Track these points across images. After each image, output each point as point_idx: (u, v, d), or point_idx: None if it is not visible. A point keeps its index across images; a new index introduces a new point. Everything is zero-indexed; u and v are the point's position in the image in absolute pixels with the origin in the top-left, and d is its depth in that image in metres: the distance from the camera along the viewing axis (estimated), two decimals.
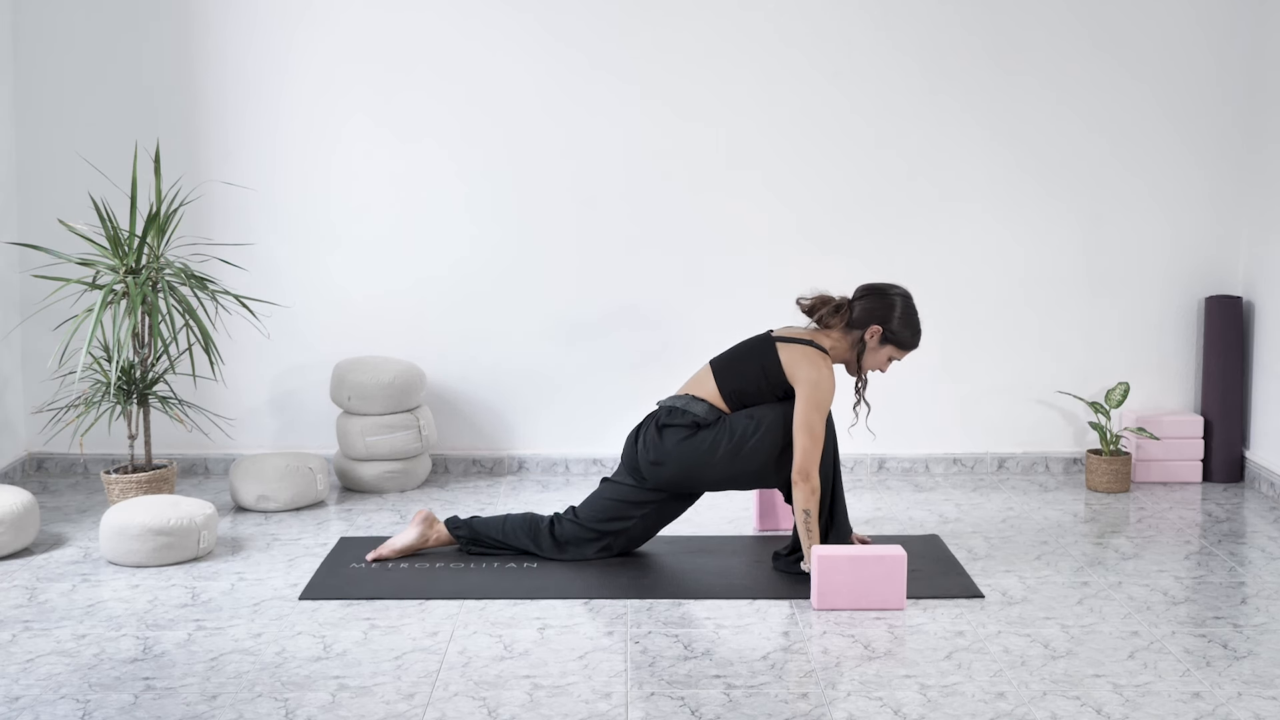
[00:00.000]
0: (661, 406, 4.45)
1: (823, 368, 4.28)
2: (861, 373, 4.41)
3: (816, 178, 5.70)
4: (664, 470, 4.38)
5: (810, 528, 4.22)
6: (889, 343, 4.35)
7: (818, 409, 4.24)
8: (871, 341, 4.34)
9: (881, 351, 4.37)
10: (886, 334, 4.33)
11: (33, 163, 5.67)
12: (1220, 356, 5.64)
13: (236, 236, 5.64)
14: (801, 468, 4.21)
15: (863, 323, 4.33)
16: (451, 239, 5.74)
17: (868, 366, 4.39)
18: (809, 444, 4.21)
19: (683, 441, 4.34)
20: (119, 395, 5.04)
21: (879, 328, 4.32)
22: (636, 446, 4.43)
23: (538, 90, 5.67)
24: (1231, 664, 3.61)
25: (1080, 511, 5.23)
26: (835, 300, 4.38)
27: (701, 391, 4.40)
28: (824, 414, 4.25)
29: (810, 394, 4.24)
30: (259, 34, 5.63)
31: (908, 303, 4.37)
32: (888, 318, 4.33)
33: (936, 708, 3.32)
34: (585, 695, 3.40)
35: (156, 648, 3.73)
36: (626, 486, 4.48)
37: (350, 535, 4.86)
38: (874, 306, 4.34)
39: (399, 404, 5.50)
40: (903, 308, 4.35)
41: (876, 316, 4.33)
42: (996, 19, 5.64)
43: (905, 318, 4.35)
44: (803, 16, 5.64)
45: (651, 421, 4.42)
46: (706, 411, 4.35)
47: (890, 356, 4.38)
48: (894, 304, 4.35)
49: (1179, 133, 5.71)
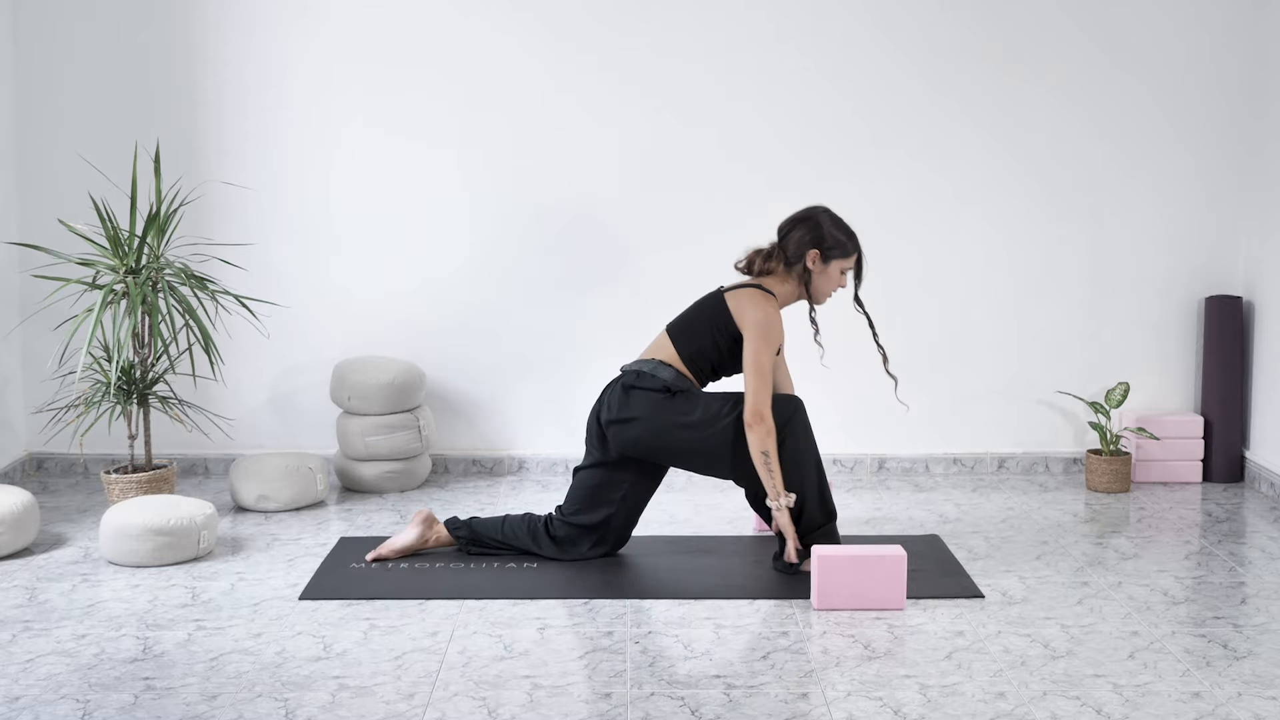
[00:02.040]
0: (626, 371, 4.45)
1: (767, 306, 4.32)
2: (820, 300, 4.45)
3: (816, 178, 5.70)
4: (630, 430, 4.36)
5: (771, 468, 4.23)
6: (831, 259, 4.38)
7: (767, 346, 4.28)
8: (816, 266, 4.39)
9: (829, 271, 4.40)
10: (825, 253, 4.37)
11: (33, 163, 5.67)
12: (1220, 356, 5.64)
13: (236, 236, 5.64)
14: (754, 409, 4.23)
15: (798, 254, 4.38)
16: (452, 239, 5.74)
17: (825, 291, 4.43)
18: (758, 384, 4.24)
19: (654, 403, 4.35)
20: (119, 395, 5.04)
21: (815, 250, 4.37)
22: (600, 412, 4.44)
23: (538, 91, 5.67)
24: (1231, 664, 3.61)
25: (1080, 511, 5.23)
26: (766, 248, 4.44)
27: (663, 356, 4.42)
28: (773, 352, 4.29)
29: (757, 334, 4.28)
30: (259, 34, 5.63)
31: (830, 215, 4.42)
32: (820, 238, 4.37)
33: (936, 708, 3.32)
34: (585, 695, 3.40)
35: (156, 648, 3.73)
36: (598, 470, 4.47)
37: (350, 535, 4.86)
38: (802, 235, 4.38)
39: (399, 404, 5.50)
40: (828, 222, 4.39)
41: (809, 241, 4.37)
42: (996, 20, 5.64)
43: (835, 229, 4.39)
44: (803, 17, 5.64)
45: (616, 384, 4.43)
46: (674, 378, 4.37)
47: (841, 270, 4.41)
48: (819, 222, 4.39)
49: (1179, 132, 5.71)
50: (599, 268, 5.74)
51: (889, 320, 5.77)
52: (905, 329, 5.77)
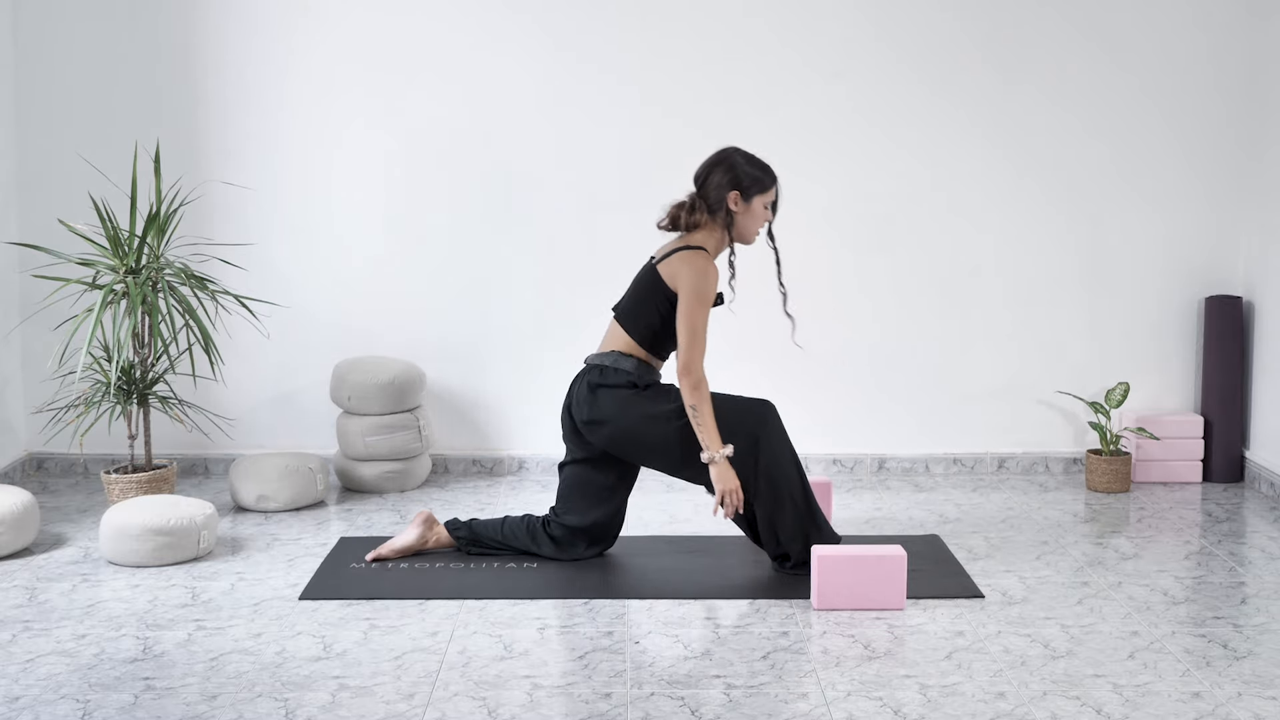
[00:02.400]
0: (590, 366, 4.44)
1: (697, 261, 4.29)
2: (748, 239, 4.42)
3: (816, 179, 5.70)
4: (603, 431, 4.37)
5: (700, 421, 4.23)
6: (752, 196, 4.36)
7: (700, 303, 4.26)
8: (739, 207, 4.35)
9: (753, 208, 4.37)
10: (744, 191, 4.34)
11: (33, 163, 5.67)
12: (1220, 356, 5.64)
13: (236, 236, 5.64)
14: (683, 363, 4.24)
15: (719, 198, 4.34)
16: (451, 239, 5.74)
17: (751, 229, 4.40)
18: (689, 339, 4.25)
19: (620, 401, 4.34)
20: (119, 395, 5.04)
21: (735, 191, 4.34)
22: (570, 408, 4.44)
23: (537, 92, 5.67)
24: (1231, 664, 3.61)
25: (1080, 511, 5.23)
26: (686, 200, 4.41)
27: (620, 345, 4.41)
28: (706, 308, 4.28)
29: (689, 292, 4.27)
30: (260, 35, 5.63)
31: (742, 153, 4.38)
32: (737, 177, 4.34)
33: (936, 708, 3.32)
34: (585, 695, 3.40)
35: (156, 648, 3.73)
36: (583, 466, 4.47)
37: (350, 535, 4.86)
38: (719, 178, 4.35)
39: (399, 404, 5.50)
40: (742, 160, 4.36)
41: (727, 183, 4.34)
42: (996, 23, 5.64)
43: (749, 166, 4.36)
44: (803, 20, 5.64)
45: (582, 380, 4.43)
46: (636, 367, 4.36)
47: (764, 205, 4.39)
48: (732, 162, 4.35)
49: (1178, 133, 5.71)
50: (599, 268, 5.74)
51: (889, 320, 5.78)
52: (905, 329, 5.77)
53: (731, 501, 4.25)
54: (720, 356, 5.77)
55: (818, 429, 5.81)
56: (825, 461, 5.81)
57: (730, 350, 5.79)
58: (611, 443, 4.39)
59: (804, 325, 5.76)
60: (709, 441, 4.24)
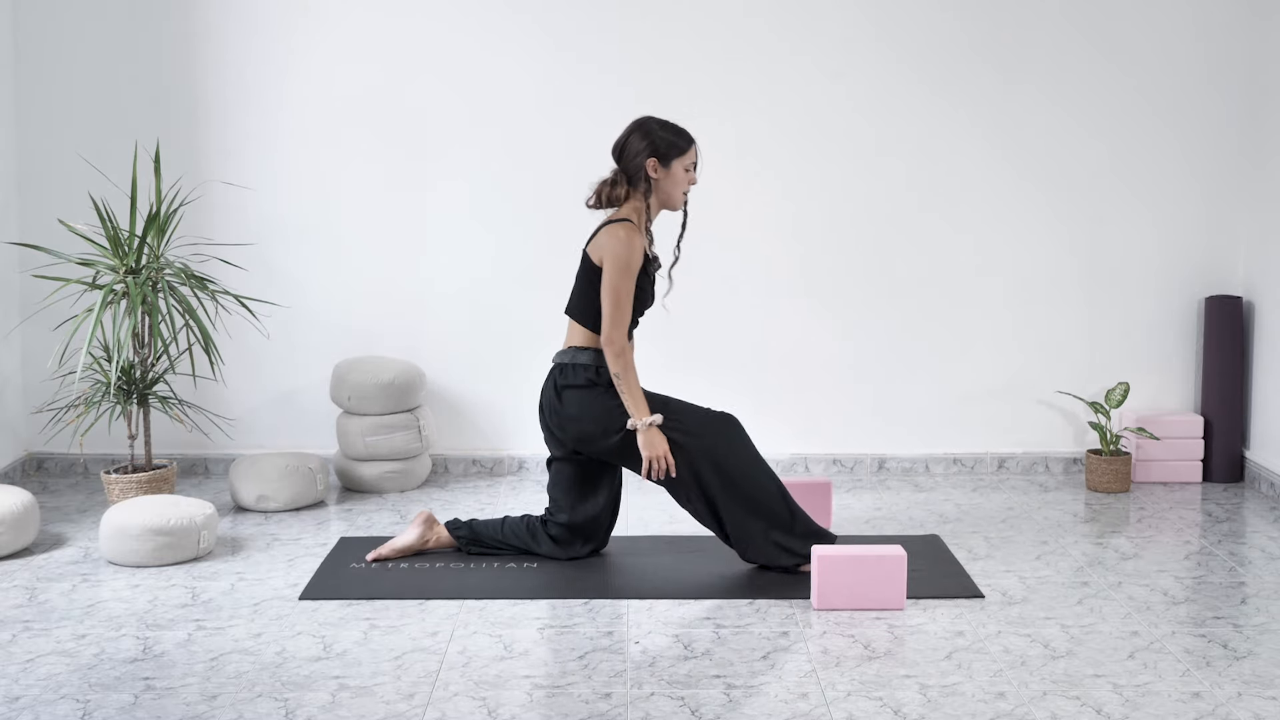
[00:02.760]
0: (554, 365, 4.46)
1: (618, 232, 4.29)
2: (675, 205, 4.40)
3: (816, 180, 5.70)
4: (571, 430, 4.38)
5: (622, 388, 4.27)
6: (671, 160, 4.34)
7: (624, 274, 4.27)
8: (659, 173, 4.34)
9: (673, 172, 4.35)
10: (662, 157, 4.33)
11: (33, 163, 5.67)
12: (1220, 356, 5.64)
13: (236, 236, 5.64)
14: (605, 333, 4.28)
15: (637, 167, 4.33)
16: (451, 239, 5.74)
17: (676, 194, 4.38)
18: (610, 308, 4.27)
19: (584, 399, 4.36)
20: (119, 395, 5.04)
21: (652, 158, 4.32)
22: (542, 410, 4.47)
23: (537, 92, 5.67)
24: (1231, 664, 3.61)
25: (1080, 511, 5.23)
26: (609, 175, 4.41)
27: (576, 340, 4.42)
28: (630, 279, 4.28)
29: (612, 263, 4.28)
30: (259, 34, 5.63)
31: (655, 120, 4.37)
32: (653, 144, 4.32)
33: (936, 708, 3.32)
34: (585, 695, 3.40)
35: (156, 648, 3.73)
36: (570, 463, 4.47)
37: (350, 535, 4.86)
38: (635, 147, 4.33)
39: (399, 404, 5.50)
40: (656, 126, 4.35)
41: (644, 151, 4.32)
42: (996, 24, 5.64)
43: (664, 131, 4.34)
44: (803, 20, 5.64)
45: (550, 381, 4.45)
46: (594, 358, 4.36)
47: (683, 169, 4.36)
48: (647, 130, 4.34)
49: (1178, 133, 5.71)
50: None
51: (889, 320, 5.78)
52: (905, 329, 5.77)
53: (659, 466, 4.27)
54: (721, 356, 5.79)
55: (817, 429, 5.81)
56: (825, 461, 5.81)
57: (731, 350, 5.79)
58: (579, 441, 4.40)
59: (804, 325, 5.78)
60: (635, 409, 4.27)
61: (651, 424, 4.26)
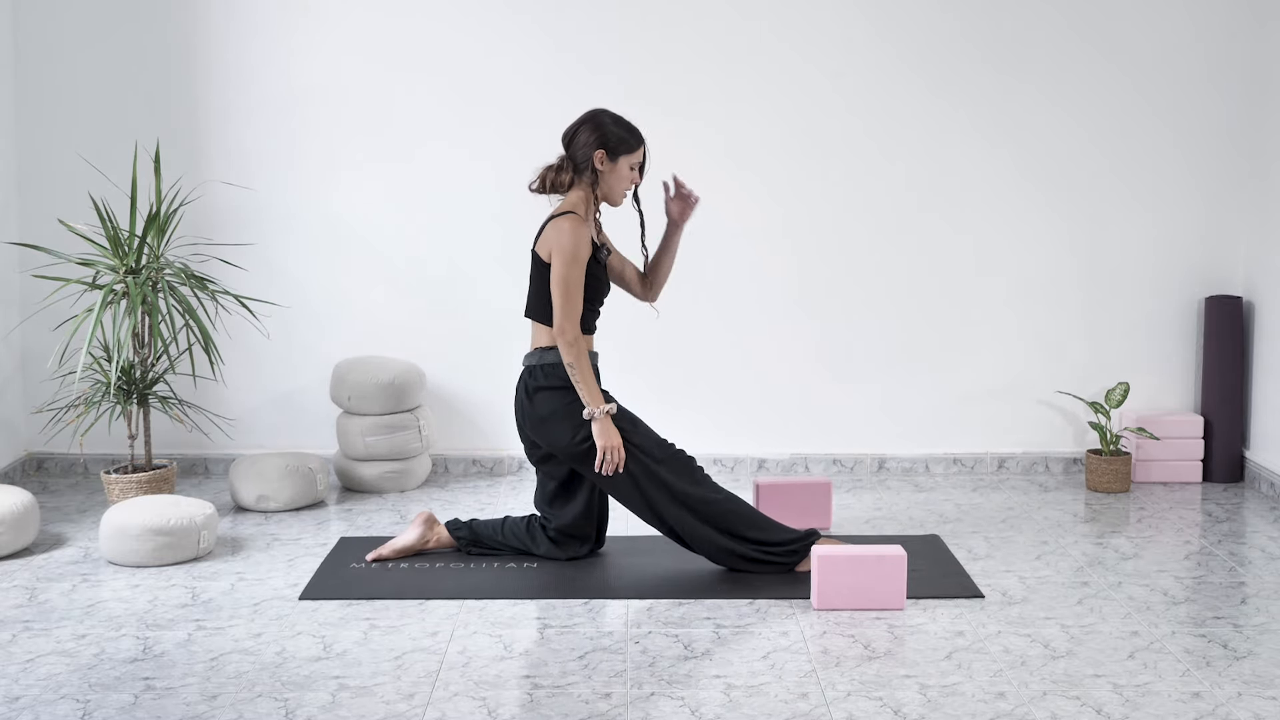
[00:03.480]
0: (524, 368, 4.47)
1: (563, 224, 4.27)
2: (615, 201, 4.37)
3: (816, 180, 5.70)
4: (548, 428, 4.36)
5: (576, 378, 4.26)
6: (619, 155, 4.30)
7: (568, 263, 4.24)
8: (605, 166, 4.31)
9: (619, 169, 4.32)
10: (611, 151, 4.29)
11: (33, 163, 5.67)
12: (1220, 356, 5.64)
13: (236, 236, 5.64)
14: (556, 324, 4.27)
15: (585, 158, 4.31)
16: (451, 239, 5.74)
17: (618, 190, 4.35)
18: (561, 299, 4.26)
19: (553, 402, 4.34)
20: (119, 395, 5.04)
21: (601, 150, 4.29)
22: (516, 413, 4.46)
23: (537, 92, 5.67)
24: (1231, 664, 3.61)
25: (1080, 511, 5.23)
26: (554, 162, 4.37)
27: (539, 341, 4.42)
28: (577, 267, 4.25)
29: (559, 256, 4.26)
30: (260, 34, 5.63)
31: (609, 114, 4.35)
32: (604, 137, 4.29)
33: (936, 708, 3.32)
34: (585, 695, 3.40)
35: (156, 648, 3.73)
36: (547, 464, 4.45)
37: (350, 535, 4.86)
38: (584, 138, 4.30)
39: (399, 404, 5.50)
40: (609, 120, 4.32)
41: (594, 142, 4.29)
42: (996, 24, 5.64)
43: (616, 126, 4.31)
44: (803, 19, 5.64)
45: (521, 385, 4.45)
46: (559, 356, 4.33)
47: (630, 166, 4.33)
48: (600, 122, 4.31)
49: (1178, 133, 5.71)
50: None
51: (890, 319, 5.78)
52: (905, 329, 5.77)
53: (612, 458, 4.26)
54: (721, 357, 5.79)
55: (818, 429, 5.81)
56: (825, 461, 5.81)
57: (731, 351, 5.79)
58: (552, 444, 4.38)
59: (804, 325, 5.78)
60: (589, 398, 4.26)
61: (606, 412, 4.26)
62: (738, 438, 5.81)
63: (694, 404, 5.78)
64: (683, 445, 5.74)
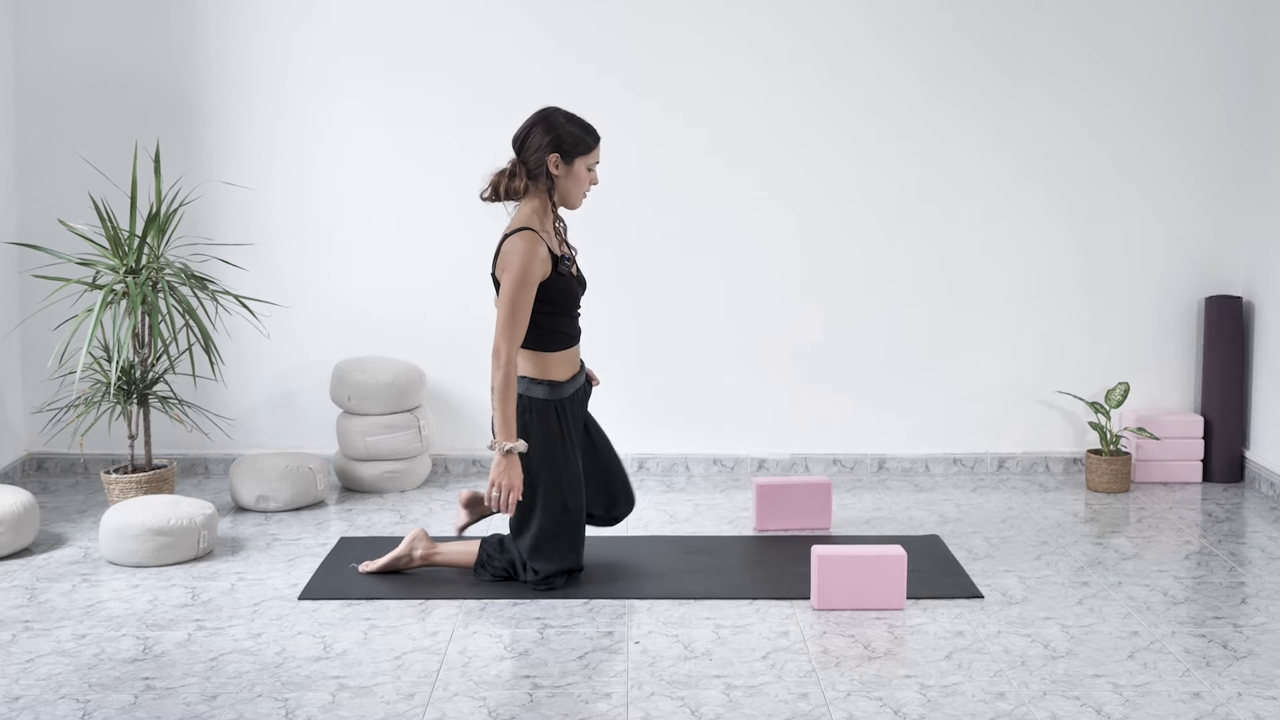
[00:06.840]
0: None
1: (516, 244, 4.03)
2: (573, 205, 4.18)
3: (818, 180, 5.70)
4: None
5: (495, 403, 4.00)
6: (573, 157, 4.09)
7: (516, 285, 4.00)
8: (560, 170, 4.09)
9: (575, 171, 4.11)
10: (565, 153, 4.09)
11: (33, 163, 5.67)
12: (1220, 356, 5.64)
13: (236, 236, 5.64)
14: (495, 344, 4.01)
15: (539, 162, 4.08)
16: (451, 239, 5.73)
17: (576, 194, 4.15)
18: (504, 321, 4.01)
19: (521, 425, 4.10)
20: (119, 395, 5.04)
21: (555, 153, 4.07)
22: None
23: (537, 92, 5.66)
24: (1231, 664, 3.61)
25: (1080, 511, 5.23)
26: (506, 167, 4.14)
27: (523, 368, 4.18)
28: (528, 291, 4.02)
29: (508, 274, 4.03)
30: (260, 34, 5.63)
31: (562, 113, 4.13)
32: (558, 139, 4.07)
33: (936, 708, 3.32)
34: (586, 695, 3.40)
35: (156, 648, 3.73)
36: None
37: (350, 535, 4.86)
38: (537, 141, 4.08)
39: (399, 404, 5.50)
40: (563, 119, 4.10)
41: (547, 145, 4.07)
42: (997, 24, 5.64)
43: (570, 125, 4.10)
44: (804, 21, 5.64)
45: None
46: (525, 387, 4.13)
47: (587, 167, 4.13)
48: (553, 122, 4.09)
49: (1178, 133, 5.71)
50: (596, 268, 5.72)
51: (890, 319, 5.78)
52: (905, 329, 5.77)
53: (502, 500, 4.04)
54: (721, 357, 5.78)
55: (818, 429, 5.81)
56: (825, 461, 5.81)
57: (731, 351, 5.79)
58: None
59: (804, 325, 5.78)
60: (502, 428, 4.01)
61: (513, 450, 4.03)
62: (738, 438, 5.81)
63: (694, 404, 5.78)
64: (683, 445, 5.81)
